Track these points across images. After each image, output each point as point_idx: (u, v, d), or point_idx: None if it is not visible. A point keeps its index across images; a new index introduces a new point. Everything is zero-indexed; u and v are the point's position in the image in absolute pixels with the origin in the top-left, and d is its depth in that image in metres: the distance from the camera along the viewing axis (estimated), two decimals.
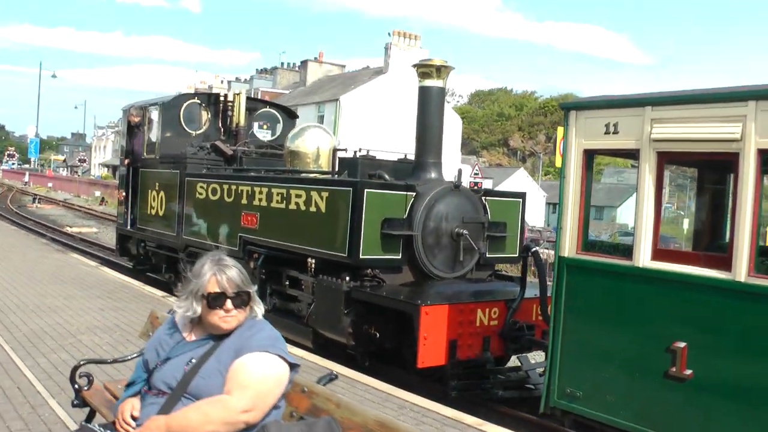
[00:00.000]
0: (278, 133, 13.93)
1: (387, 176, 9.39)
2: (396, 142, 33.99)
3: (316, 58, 60.00)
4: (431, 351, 7.61)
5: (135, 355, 4.55)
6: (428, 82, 9.33)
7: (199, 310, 3.40)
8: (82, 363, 4.47)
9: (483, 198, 9.60)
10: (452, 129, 53.15)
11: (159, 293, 12.14)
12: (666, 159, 5.86)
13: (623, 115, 5.97)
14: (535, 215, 52.34)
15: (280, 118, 14.19)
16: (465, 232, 8.96)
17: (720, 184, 7.16)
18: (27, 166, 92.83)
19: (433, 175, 9.33)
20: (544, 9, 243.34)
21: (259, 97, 56.12)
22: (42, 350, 8.06)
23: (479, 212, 9.36)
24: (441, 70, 9.33)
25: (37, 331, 8.95)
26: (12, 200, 44.96)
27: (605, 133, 6.09)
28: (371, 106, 46.75)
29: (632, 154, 6.04)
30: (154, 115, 13.31)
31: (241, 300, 3.40)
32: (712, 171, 7.45)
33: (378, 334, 8.48)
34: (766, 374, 5.07)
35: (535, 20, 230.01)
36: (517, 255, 9.97)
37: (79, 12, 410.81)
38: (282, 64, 66.73)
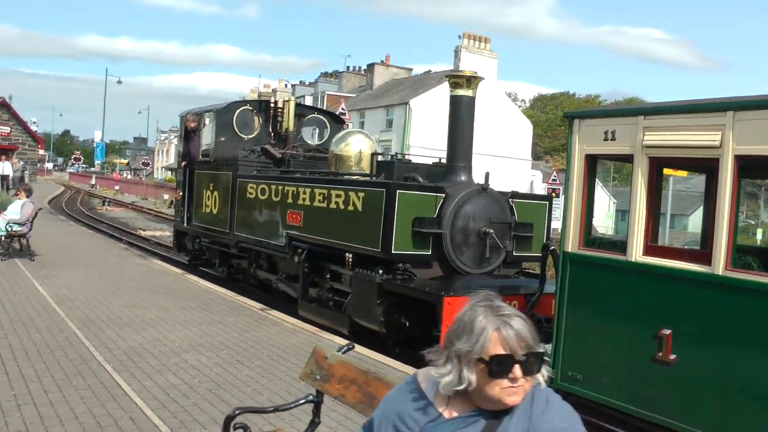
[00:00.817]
0: (326, 137, 14.73)
1: (420, 179, 10.15)
2: None
3: (382, 62, 59.78)
4: None
5: (301, 401, 4.19)
6: (459, 92, 10.03)
7: (473, 380, 2.48)
8: (237, 412, 3.94)
9: (510, 200, 10.23)
10: (522, 133, 53.38)
11: (256, 305, 11.51)
12: (656, 163, 6.46)
13: (620, 123, 6.59)
14: (602, 223, 51.81)
15: (328, 124, 15.01)
16: (491, 231, 9.63)
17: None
18: (92, 169, 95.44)
19: (463, 177, 10.03)
20: (601, 13, 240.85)
21: (325, 100, 56.75)
22: (146, 371, 7.58)
23: (506, 213, 10.01)
24: (471, 81, 10.03)
25: (136, 348, 8.45)
26: (82, 203, 45.57)
27: (604, 140, 6.71)
28: (441, 110, 45.48)
29: (628, 159, 6.63)
30: (209, 120, 14.28)
31: (532, 365, 2.50)
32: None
33: (407, 323, 9.20)
34: (741, 359, 5.64)
35: (593, 25, 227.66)
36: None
37: (139, 21, 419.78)
38: (348, 67, 66.74)
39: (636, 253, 6.43)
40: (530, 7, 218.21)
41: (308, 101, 62.13)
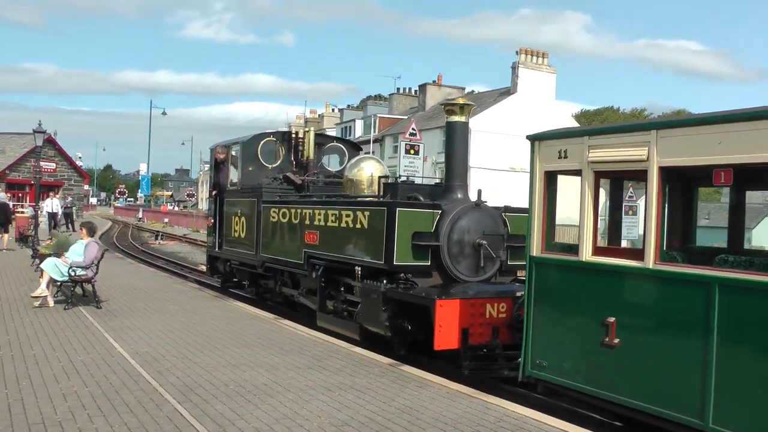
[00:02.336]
0: (345, 163, 15.95)
1: (421, 198, 11.28)
2: (527, 163, 34.60)
3: (434, 82, 58.51)
4: (446, 336, 9.39)
5: None
6: (453, 118, 11.18)
7: None
8: None
9: (503, 214, 11.31)
10: None
11: (382, 360, 9.91)
12: (600, 176, 7.54)
13: (570, 143, 7.71)
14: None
15: (346, 151, 16.24)
16: (484, 242, 10.71)
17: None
18: (137, 202, 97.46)
19: (459, 195, 11.13)
20: (635, 27, 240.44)
21: (377, 123, 56.55)
22: None
23: (499, 226, 11.08)
24: (464, 108, 11.18)
25: None
26: (133, 237, 45.08)
27: (558, 158, 7.83)
28: (501, 128, 44.83)
29: (578, 173, 7.70)
30: (236, 152, 15.61)
31: None
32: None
33: (410, 327, 10.29)
34: (671, 338, 6.66)
35: (628, 39, 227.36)
36: None
37: (177, 54, 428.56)
38: (398, 89, 64.99)
39: (586, 253, 7.50)
40: (564, 24, 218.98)
41: (358, 125, 62.11)
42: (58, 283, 13.72)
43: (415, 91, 62.37)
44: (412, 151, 17.09)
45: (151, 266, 24.92)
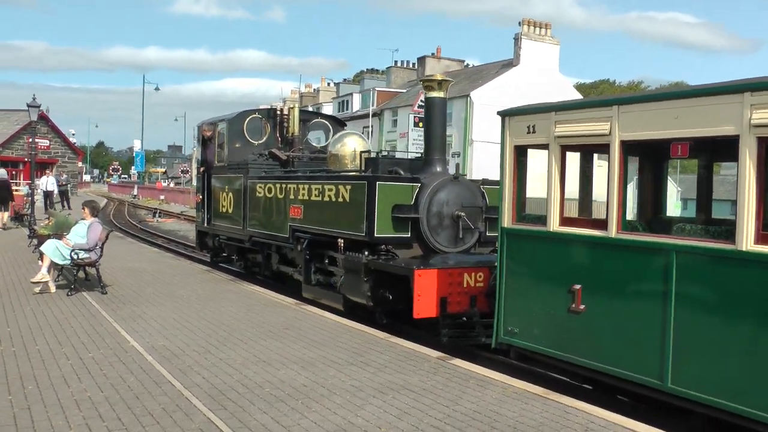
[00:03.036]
0: (330, 139, 16.23)
1: (402, 171, 11.59)
2: None
3: (433, 54, 57.37)
4: (425, 305, 9.74)
5: None
6: (432, 94, 11.45)
7: None
8: None
9: (481, 186, 11.63)
10: None
11: (430, 353, 8.90)
12: (566, 150, 7.85)
13: (538, 119, 8.00)
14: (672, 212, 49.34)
15: (330, 127, 16.51)
16: (462, 214, 11.04)
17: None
18: (131, 179, 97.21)
19: (438, 169, 11.44)
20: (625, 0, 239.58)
21: (375, 97, 55.46)
22: None
23: (477, 198, 11.41)
24: (442, 84, 11.46)
25: None
26: (129, 215, 44.05)
27: (527, 133, 8.13)
28: (504, 100, 41.10)
29: (545, 147, 8.00)
30: (223, 129, 15.86)
31: None
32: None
33: (391, 297, 10.64)
34: (632, 304, 7.01)
35: (619, 12, 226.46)
36: None
37: (167, 30, 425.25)
38: (395, 62, 63.91)
39: (553, 224, 7.84)
40: None
41: (356, 99, 60.90)
42: (60, 267, 12.83)
43: (413, 64, 61.46)
44: (421, 124, 16.95)
45: (153, 246, 24.06)
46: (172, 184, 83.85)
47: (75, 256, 12.48)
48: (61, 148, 55.88)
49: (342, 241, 11.43)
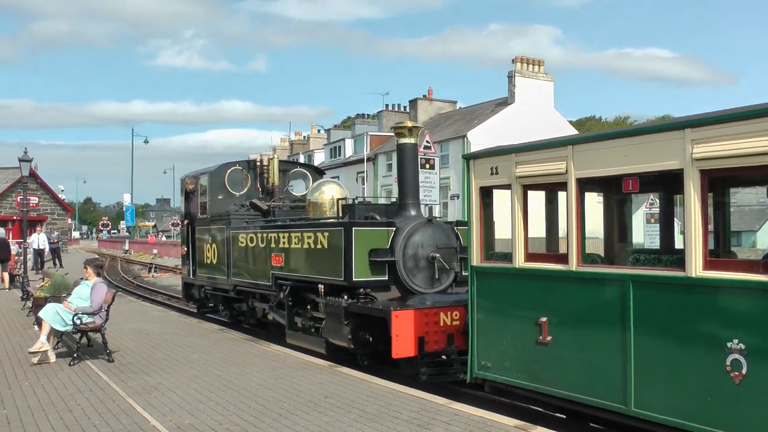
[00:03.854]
0: (310, 187, 16.63)
1: (378, 217, 11.96)
2: None
3: (425, 96, 56.35)
4: (403, 345, 10.04)
5: None
6: (403, 140, 11.90)
7: None
8: None
9: (455, 228, 12.01)
10: None
11: (507, 422, 7.76)
12: (527, 189, 8.25)
13: (500, 161, 8.42)
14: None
15: (309, 175, 16.92)
16: (437, 255, 11.40)
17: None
18: (119, 234, 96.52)
19: (413, 212, 11.83)
20: (604, 38, 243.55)
21: (368, 141, 54.35)
22: None
23: (451, 239, 11.78)
24: (413, 130, 11.91)
25: None
26: (123, 271, 42.56)
27: (491, 174, 8.54)
28: (501, 139, 39.07)
29: (508, 187, 8.40)
30: (204, 181, 16.25)
31: None
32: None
33: (371, 338, 10.94)
34: (594, 333, 7.36)
35: (597, 50, 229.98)
36: None
37: (152, 84, 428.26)
38: (386, 105, 62.02)
39: (519, 260, 8.21)
40: (534, 37, 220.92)
41: (348, 145, 59.91)
42: (60, 334, 11.66)
43: (404, 107, 60.53)
44: (427, 166, 16.88)
45: (154, 303, 22.80)
46: (163, 238, 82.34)
47: (78, 321, 11.34)
48: (51, 204, 54.75)
49: (322, 286, 11.75)
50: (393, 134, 45.84)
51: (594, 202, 9.56)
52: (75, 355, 11.36)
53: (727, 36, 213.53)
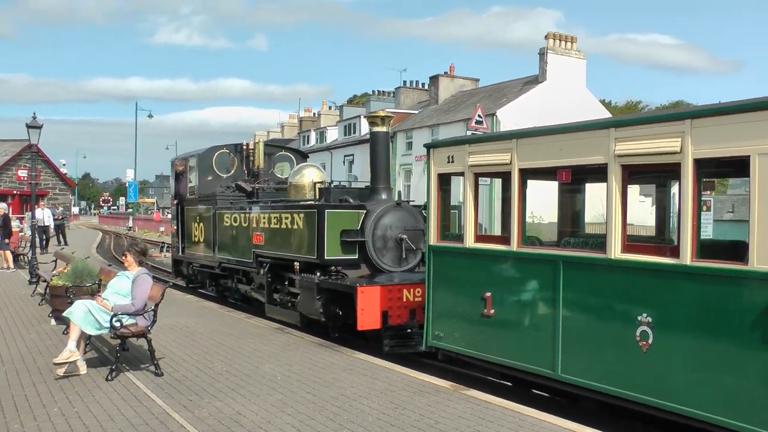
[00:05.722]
0: (293, 170, 17.47)
1: (351, 200, 12.81)
2: None
3: (446, 73, 53.52)
4: (368, 318, 10.92)
5: None
6: (375, 129, 12.76)
7: None
8: None
9: (423, 211, 12.87)
10: None
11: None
12: (478, 176, 9.12)
13: (456, 150, 9.28)
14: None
15: (294, 159, 17.75)
16: (404, 236, 12.27)
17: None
18: (119, 210, 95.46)
19: (384, 196, 12.69)
20: (606, 22, 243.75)
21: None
22: None
23: (419, 222, 12.64)
24: (385, 120, 12.76)
25: None
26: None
27: (447, 163, 9.41)
28: (531, 118, 35.58)
29: (462, 174, 9.25)
30: (193, 163, 17.09)
31: None
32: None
33: (341, 312, 11.81)
34: (529, 307, 8.24)
35: (600, 35, 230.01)
36: None
37: (149, 61, 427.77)
38: (404, 82, 59.67)
39: (469, 241, 9.08)
40: (535, 20, 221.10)
41: (364, 122, 54.79)
42: (88, 336, 9.21)
43: (423, 84, 58.28)
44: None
45: (183, 291, 18.10)
46: (169, 215, 76.95)
47: (118, 325, 8.91)
48: (52, 179, 51.86)
49: (298, 264, 12.62)
50: (413, 111, 45.29)
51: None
52: (113, 367, 8.86)
53: (730, 25, 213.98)
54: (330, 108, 71.77)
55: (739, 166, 6.47)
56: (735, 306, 6.18)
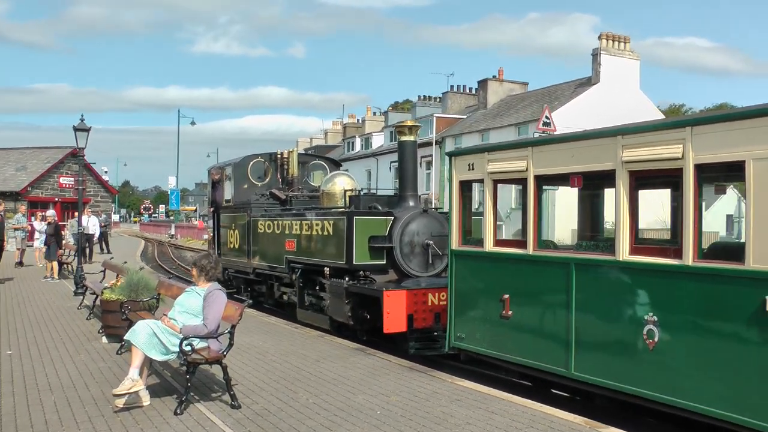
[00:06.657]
0: (325, 178, 17.96)
1: (379, 207, 13.25)
2: None
3: (495, 77, 53.24)
4: (394, 321, 11.32)
5: None
6: (403, 138, 13.18)
7: None
8: None
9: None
10: None
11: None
12: (497, 183, 9.49)
13: (476, 158, 9.67)
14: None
15: (327, 167, 18.25)
16: (431, 242, 12.67)
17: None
18: (159, 218, 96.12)
19: (411, 203, 13.11)
20: (643, 26, 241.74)
21: (434, 123, 50.74)
22: None
23: (444, 228, 12.97)
24: (412, 129, 13.18)
25: None
26: (177, 257, 39.04)
27: (468, 170, 9.79)
28: (585, 121, 32.40)
29: (481, 181, 9.62)
30: (229, 172, 17.67)
31: None
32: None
33: (368, 316, 12.23)
34: (548, 308, 8.58)
35: (637, 38, 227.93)
36: None
37: (189, 70, 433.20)
38: (451, 87, 59.20)
39: (488, 245, 9.46)
40: (572, 25, 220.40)
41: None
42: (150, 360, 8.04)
43: (470, 89, 58.13)
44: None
45: (234, 301, 11.90)
46: (210, 223, 77.02)
47: (188, 349, 7.69)
48: (94, 186, 50.60)
49: (328, 269, 13.07)
50: (460, 117, 44.68)
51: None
52: (183, 398, 7.67)
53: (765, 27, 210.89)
54: (375, 114, 70.87)
55: (736, 171, 6.76)
56: (733, 304, 6.48)
